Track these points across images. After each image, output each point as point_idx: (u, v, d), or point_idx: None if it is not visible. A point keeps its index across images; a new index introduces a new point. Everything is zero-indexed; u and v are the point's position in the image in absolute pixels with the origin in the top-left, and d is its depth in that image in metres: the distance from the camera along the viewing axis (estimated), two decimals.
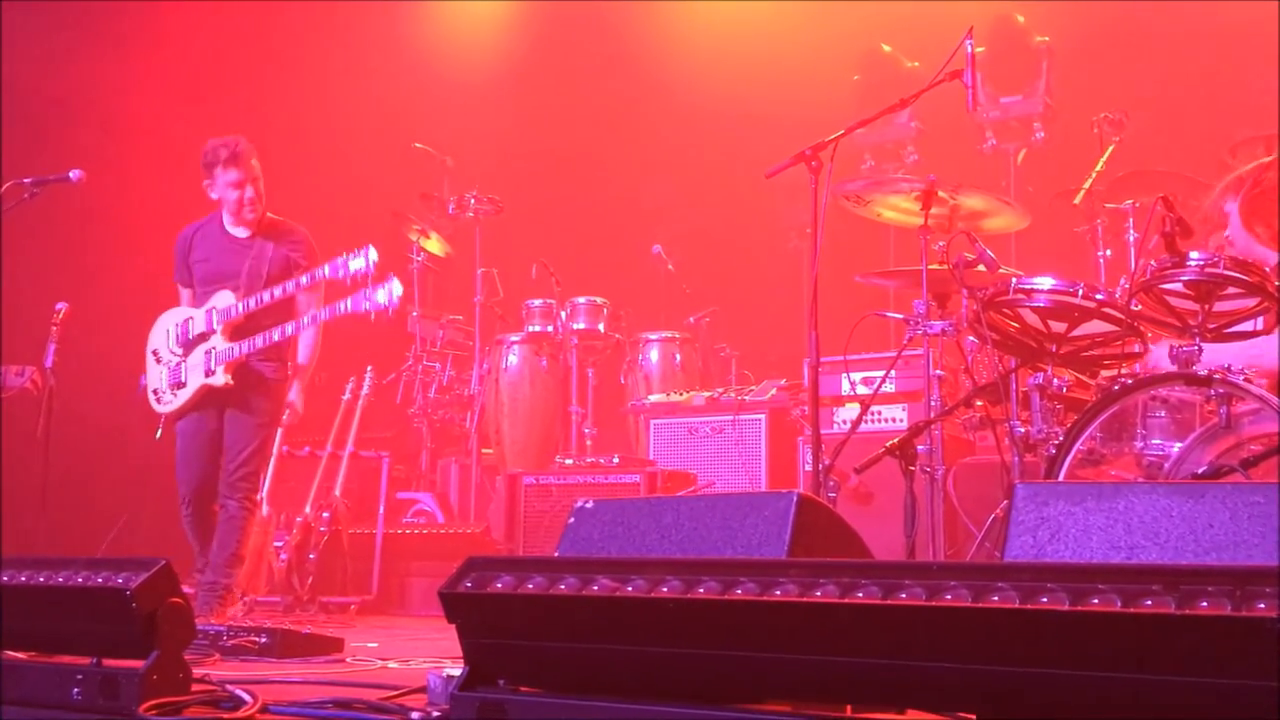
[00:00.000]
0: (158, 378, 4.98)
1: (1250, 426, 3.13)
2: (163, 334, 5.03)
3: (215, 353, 4.86)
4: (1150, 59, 6.96)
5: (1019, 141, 7.13)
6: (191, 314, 4.98)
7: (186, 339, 4.94)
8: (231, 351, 4.83)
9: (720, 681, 1.82)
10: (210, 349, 4.87)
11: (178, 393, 4.93)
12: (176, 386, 4.93)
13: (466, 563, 2.02)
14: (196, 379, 4.89)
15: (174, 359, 4.96)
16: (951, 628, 1.61)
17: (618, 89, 8.51)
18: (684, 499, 2.31)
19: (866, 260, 6.17)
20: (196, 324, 4.94)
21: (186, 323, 4.97)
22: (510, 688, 1.98)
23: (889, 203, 4.48)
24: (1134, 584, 1.53)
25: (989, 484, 4.34)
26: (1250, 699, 1.42)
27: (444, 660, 3.27)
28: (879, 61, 7.56)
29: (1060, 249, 6.10)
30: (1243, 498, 1.83)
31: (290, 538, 5.92)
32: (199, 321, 4.93)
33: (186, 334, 4.95)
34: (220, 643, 3.48)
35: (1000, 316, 3.79)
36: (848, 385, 5.38)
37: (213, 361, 4.86)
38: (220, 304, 4.90)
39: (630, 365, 6.83)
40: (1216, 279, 3.26)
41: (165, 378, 4.97)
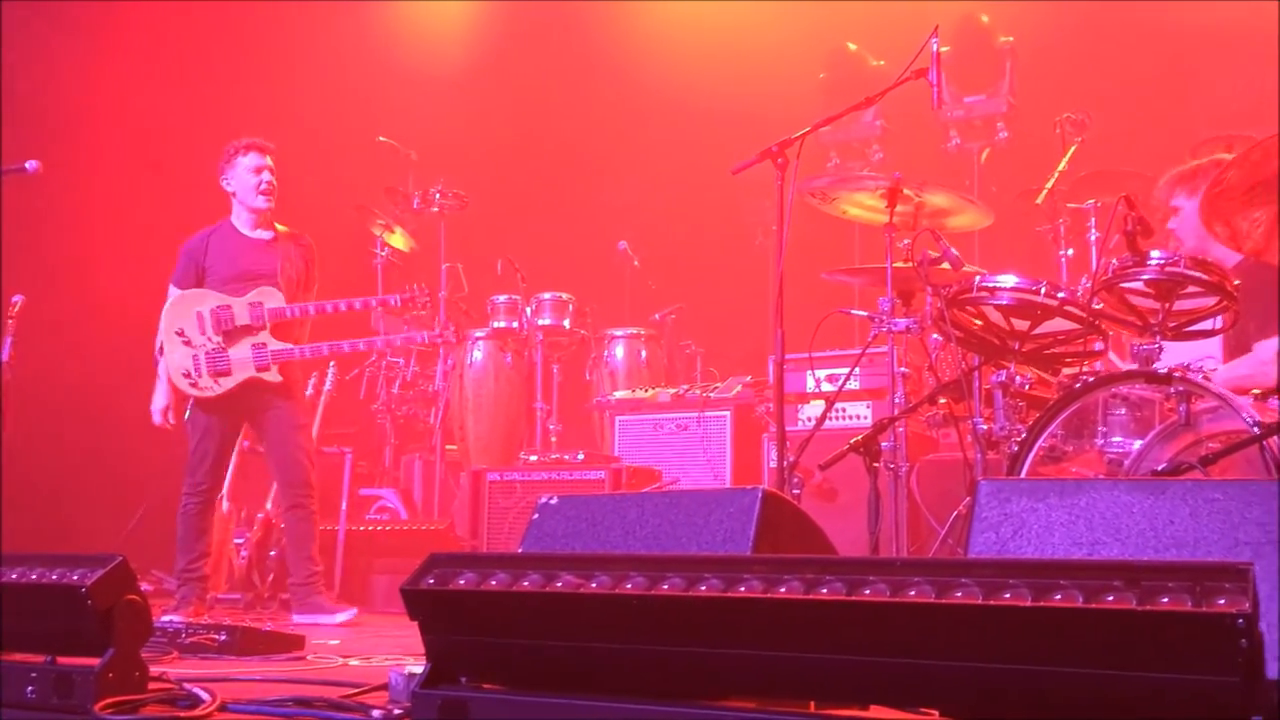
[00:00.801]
0: (187, 359, 4.96)
1: (1209, 424, 3.16)
2: (190, 317, 4.99)
3: (270, 350, 4.97)
4: (1112, 60, 7.03)
5: (983, 140, 7.18)
6: (229, 302, 5.01)
7: (228, 327, 4.97)
8: (290, 352, 4.99)
9: (684, 678, 1.81)
10: (261, 344, 4.97)
11: (221, 380, 4.96)
12: (219, 374, 4.96)
13: (429, 559, 2.00)
14: (245, 371, 4.97)
15: (210, 345, 4.96)
16: (915, 624, 1.61)
17: (584, 85, 8.50)
18: (648, 495, 2.30)
19: (832, 257, 6.19)
20: (240, 315, 4.99)
21: (224, 310, 4.99)
22: (473, 685, 1.96)
23: (854, 200, 4.49)
24: (1096, 580, 1.53)
25: (952, 481, 4.36)
26: (1211, 694, 1.43)
27: (406, 657, 3.25)
28: (845, 60, 7.60)
29: (1023, 248, 6.15)
30: (1202, 494, 1.85)
31: (251, 534, 5.86)
32: (242, 313, 4.99)
33: (227, 322, 4.97)
34: (178, 640, 3.44)
35: (964, 314, 3.81)
36: (813, 382, 5.39)
37: (267, 357, 4.96)
38: (270, 301, 5.00)
39: (595, 361, 6.82)
40: (1177, 278, 3.29)
41: (203, 362, 4.96)
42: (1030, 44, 7.20)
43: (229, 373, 4.95)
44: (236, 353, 4.96)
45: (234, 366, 4.96)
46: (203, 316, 4.98)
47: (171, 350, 4.97)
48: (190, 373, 4.94)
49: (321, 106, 8.21)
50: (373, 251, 7.46)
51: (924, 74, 4.11)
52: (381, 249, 7.45)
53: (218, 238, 5.18)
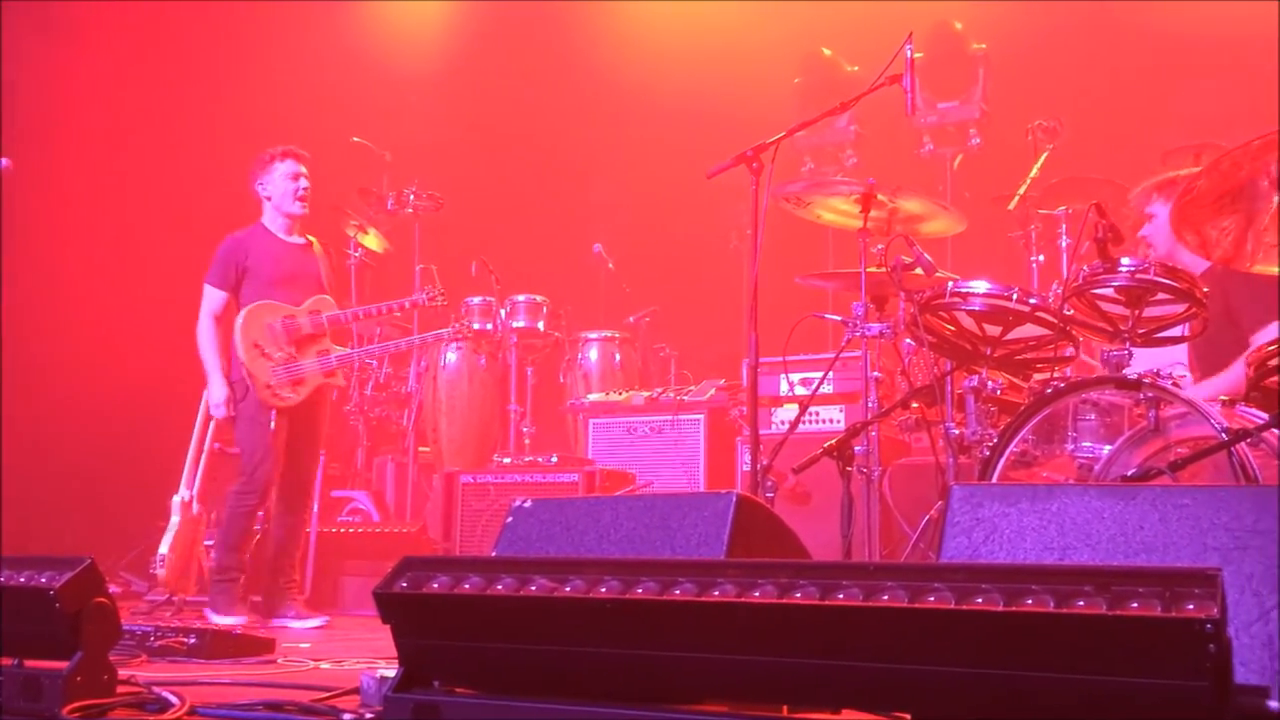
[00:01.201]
0: (267, 372, 5.06)
1: (1178, 430, 3.20)
2: (264, 329, 5.10)
3: (334, 356, 5.19)
4: (1084, 68, 7.09)
5: (956, 147, 7.22)
6: (294, 312, 5.16)
7: (297, 337, 5.12)
8: (350, 357, 5.23)
9: (658, 682, 1.81)
10: (325, 351, 5.16)
11: (298, 389, 5.11)
12: (296, 384, 5.10)
13: (402, 562, 2.00)
14: (316, 379, 5.14)
15: (284, 355, 5.09)
16: (888, 628, 1.62)
17: (560, 86, 8.49)
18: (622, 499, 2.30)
19: (806, 262, 6.22)
20: (304, 324, 5.15)
21: (292, 321, 5.13)
22: (445, 689, 1.96)
23: (829, 205, 4.51)
24: (1067, 585, 1.55)
25: (924, 485, 4.39)
26: (1180, 699, 1.44)
27: (378, 661, 3.23)
28: (819, 65, 7.62)
29: (995, 254, 6.19)
30: (1171, 500, 1.87)
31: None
32: (306, 322, 5.15)
33: (295, 332, 5.12)
34: (147, 643, 3.41)
35: (937, 319, 3.84)
36: (786, 386, 5.41)
37: (332, 363, 5.19)
38: (327, 310, 5.19)
39: (569, 364, 6.81)
40: (1146, 285, 3.33)
41: (281, 374, 5.08)
42: (1003, 51, 7.25)
43: (304, 381, 5.12)
44: (307, 361, 5.13)
45: (307, 375, 5.13)
46: (274, 328, 5.10)
47: (254, 364, 5.06)
48: (272, 384, 5.06)
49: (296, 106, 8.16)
50: (346, 253, 7.41)
51: (898, 80, 4.13)
52: (355, 250, 7.41)
53: (256, 241, 5.29)
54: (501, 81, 8.61)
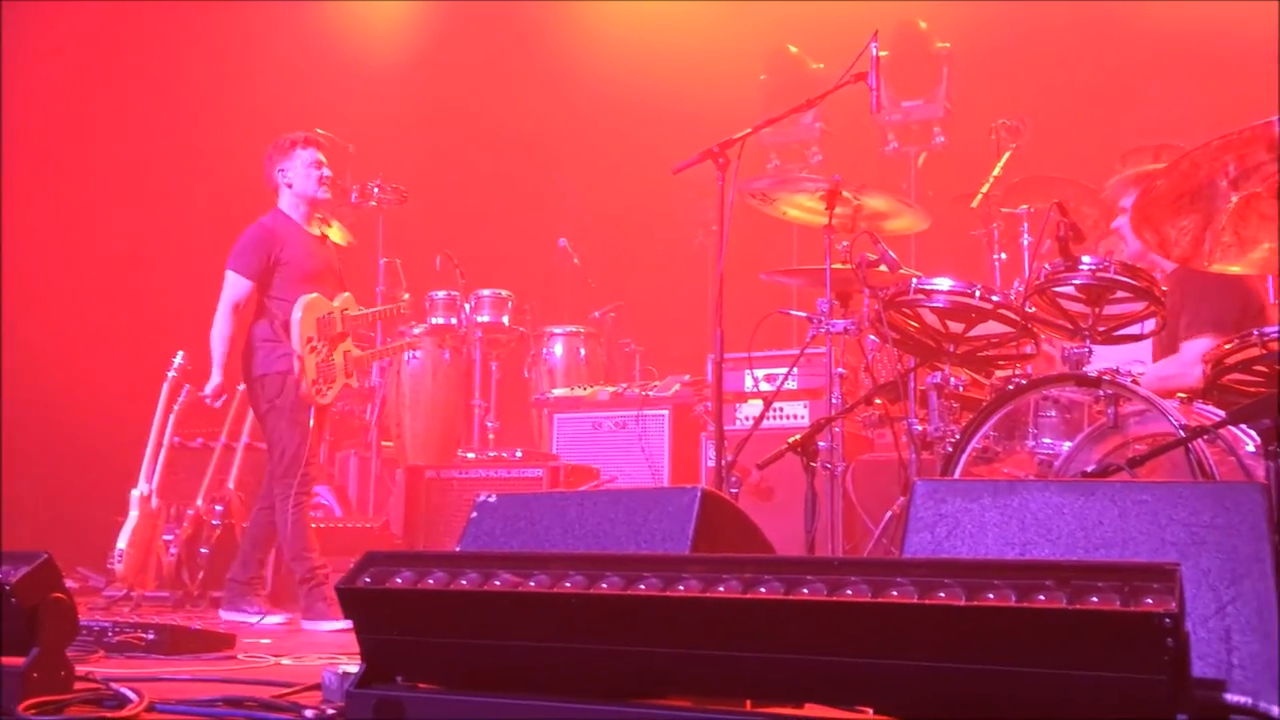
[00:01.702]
0: (317, 369, 4.95)
1: (1136, 426, 3.23)
2: (312, 325, 4.96)
3: (353, 357, 5.08)
4: (1047, 68, 7.16)
5: (920, 145, 7.27)
6: (333, 308, 5.04)
7: (331, 334, 5.00)
8: (368, 358, 5.18)
9: (622, 677, 1.82)
10: (348, 351, 5.04)
11: (331, 388, 5.01)
12: (330, 382, 4.99)
13: (365, 558, 1.99)
14: (342, 378, 5.04)
15: (324, 352, 4.97)
16: (852, 622, 1.63)
17: (525, 81, 8.46)
18: (587, 494, 2.30)
19: (771, 258, 6.24)
20: (336, 321, 5.03)
21: (331, 317, 5.02)
22: (408, 685, 1.95)
23: (794, 202, 4.53)
24: (1028, 580, 1.56)
25: (887, 480, 4.41)
26: (1138, 692, 1.46)
27: (340, 657, 3.21)
28: (785, 62, 7.65)
29: (958, 251, 6.23)
30: (1130, 496, 1.89)
31: (181, 531, 5.75)
32: (336, 320, 5.03)
33: (330, 329, 5.00)
34: (105, 639, 3.37)
35: (900, 316, 3.86)
36: (751, 382, 5.42)
37: (352, 365, 5.09)
38: (352, 309, 5.09)
39: (534, 359, 6.79)
40: (1106, 283, 3.36)
41: (326, 371, 4.98)
42: (967, 51, 7.31)
43: (334, 380, 5.01)
44: (337, 360, 5.01)
45: (337, 374, 5.02)
46: (324, 323, 4.99)
47: (307, 358, 4.91)
48: (318, 380, 4.93)
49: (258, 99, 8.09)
50: None
51: (863, 78, 4.15)
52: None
53: (284, 230, 5.11)
54: (467, 75, 8.57)
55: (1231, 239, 3.01)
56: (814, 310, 4.33)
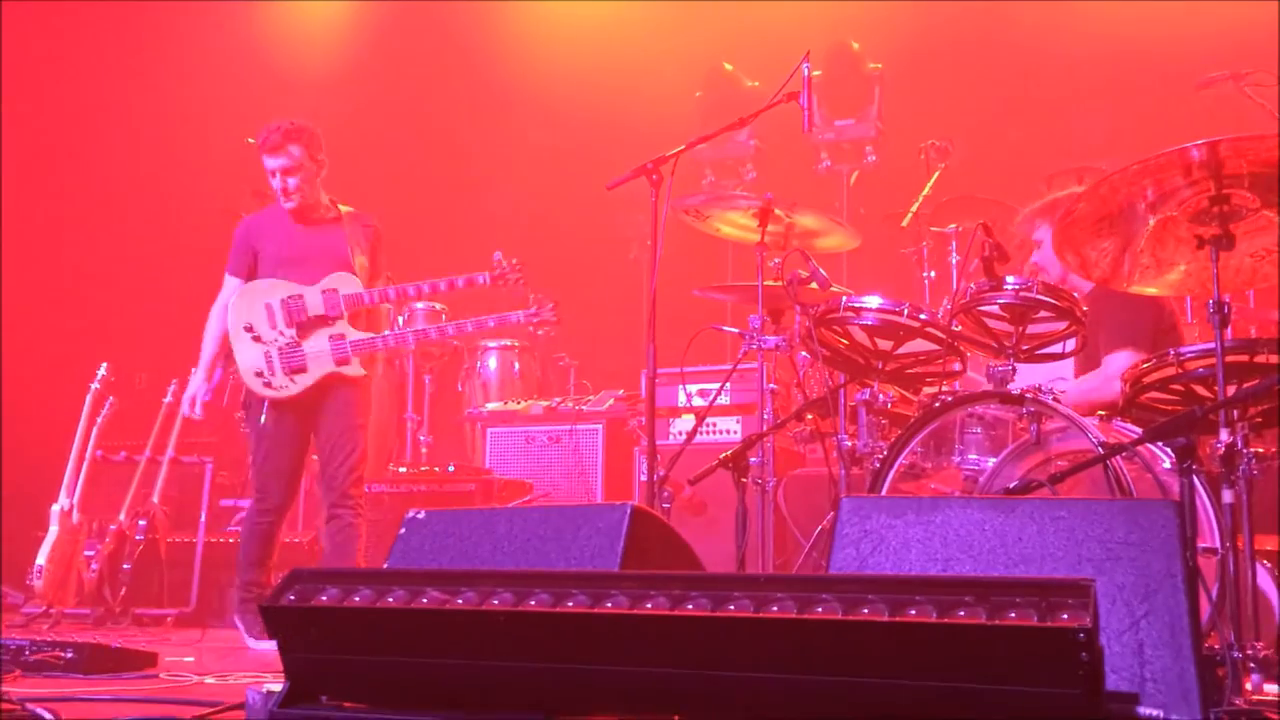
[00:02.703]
0: (259, 357, 4.53)
1: (1058, 443, 3.30)
2: (259, 310, 4.56)
3: (349, 341, 4.54)
4: (976, 90, 7.30)
5: (852, 163, 7.37)
6: (301, 291, 4.57)
7: (301, 319, 4.55)
8: (373, 343, 4.58)
9: (551, 693, 1.82)
10: (339, 335, 4.54)
11: (297, 378, 4.52)
12: (295, 371, 4.52)
13: (290, 575, 1.97)
14: (323, 366, 4.53)
15: (283, 340, 4.53)
16: (778, 638, 1.65)
17: (461, 92, 8.44)
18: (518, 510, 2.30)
19: (705, 274, 6.28)
20: (313, 305, 4.56)
21: (296, 301, 4.56)
22: (333, 703, 1.93)
23: (727, 219, 4.56)
24: (949, 595, 1.60)
25: (818, 495, 4.46)
26: (1054, 705, 1.49)
27: (265, 675, 3.16)
28: (720, 79, 7.71)
29: (888, 269, 6.33)
30: (1049, 512, 1.94)
31: (103, 546, 5.64)
32: (316, 302, 4.56)
33: (300, 313, 4.55)
34: (21, 658, 3.29)
35: (831, 333, 3.90)
36: (684, 397, 5.45)
37: (346, 349, 4.55)
38: (346, 288, 4.57)
39: (468, 372, 6.76)
40: (1030, 303, 3.43)
41: (275, 359, 4.53)
42: (898, 72, 7.43)
43: (305, 369, 4.53)
44: (312, 346, 4.54)
45: (310, 362, 4.54)
46: (272, 309, 4.57)
47: (240, 348, 4.55)
48: (263, 371, 4.52)
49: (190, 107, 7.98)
50: None
51: (795, 97, 4.19)
52: None
53: (268, 220, 4.79)
54: (400, 86, 8.53)
55: (1150, 261, 3.10)
56: (746, 326, 4.36)
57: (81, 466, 5.61)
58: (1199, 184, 2.82)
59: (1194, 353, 3.02)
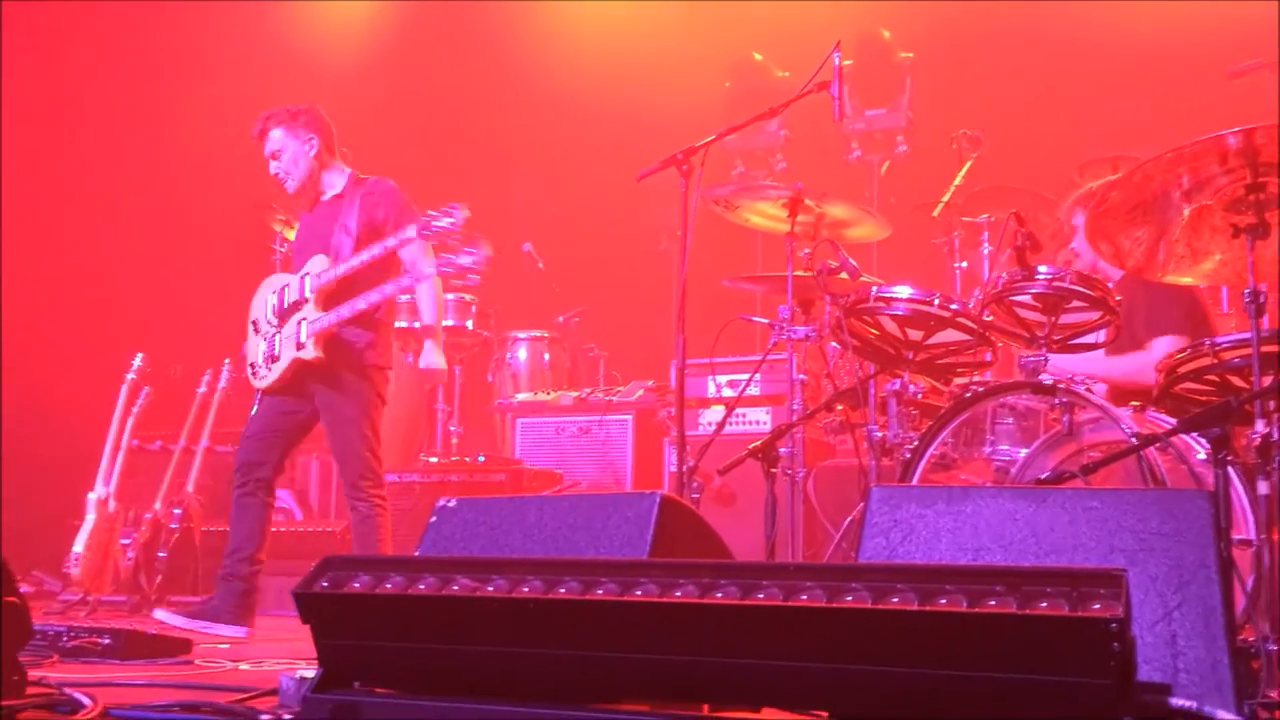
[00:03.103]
0: (255, 350, 4.57)
1: (1090, 434, 3.28)
2: (262, 304, 4.61)
3: (306, 323, 4.44)
4: (1008, 80, 7.24)
5: (882, 153, 7.33)
6: (289, 280, 4.57)
7: (282, 308, 4.53)
8: (321, 321, 4.39)
9: (580, 681, 1.82)
10: (302, 318, 4.45)
11: (273, 367, 4.48)
12: (271, 360, 4.50)
13: (323, 562, 1.98)
14: (289, 352, 4.45)
15: (270, 330, 4.54)
16: (807, 627, 1.65)
17: (491, 85, 8.46)
18: (547, 499, 2.31)
19: (734, 265, 6.26)
20: (291, 291, 4.52)
21: (283, 290, 4.56)
22: (366, 689, 1.95)
23: (757, 209, 4.55)
24: (979, 585, 1.59)
25: (847, 486, 4.45)
26: (1085, 696, 1.49)
27: (298, 661, 3.19)
28: (750, 70, 7.69)
29: (919, 260, 6.29)
30: (1081, 503, 1.92)
31: (138, 535, 5.70)
32: (294, 289, 4.52)
33: (283, 303, 4.53)
34: (60, 644, 3.33)
35: (861, 323, 3.89)
36: (713, 388, 5.45)
37: (304, 333, 4.42)
38: (315, 269, 4.48)
39: (498, 363, 6.79)
40: (1062, 292, 3.41)
41: (262, 351, 4.54)
42: (929, 61, 7.38)
43: (278, 357, 4.48)
44: (285, 333, 4.48)
45: (281, 349, 4.48)
46: (268, 303, 4.59)
47: (248, 344, 4.61)
48: (255, 363, 4.56)
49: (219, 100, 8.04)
50: (271, 247, 7.31)
51: (826, 87, 4.18)
52: (280, 245, 7.30)
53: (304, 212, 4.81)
54: (430, 79, 8.56)
55: (1184, 250, 3.07)
56: (776, 317, 4.36)
57: (118, 456, 5.68)
58: (1235, 172, 2.79)
59: (1229, 343, 3.00)
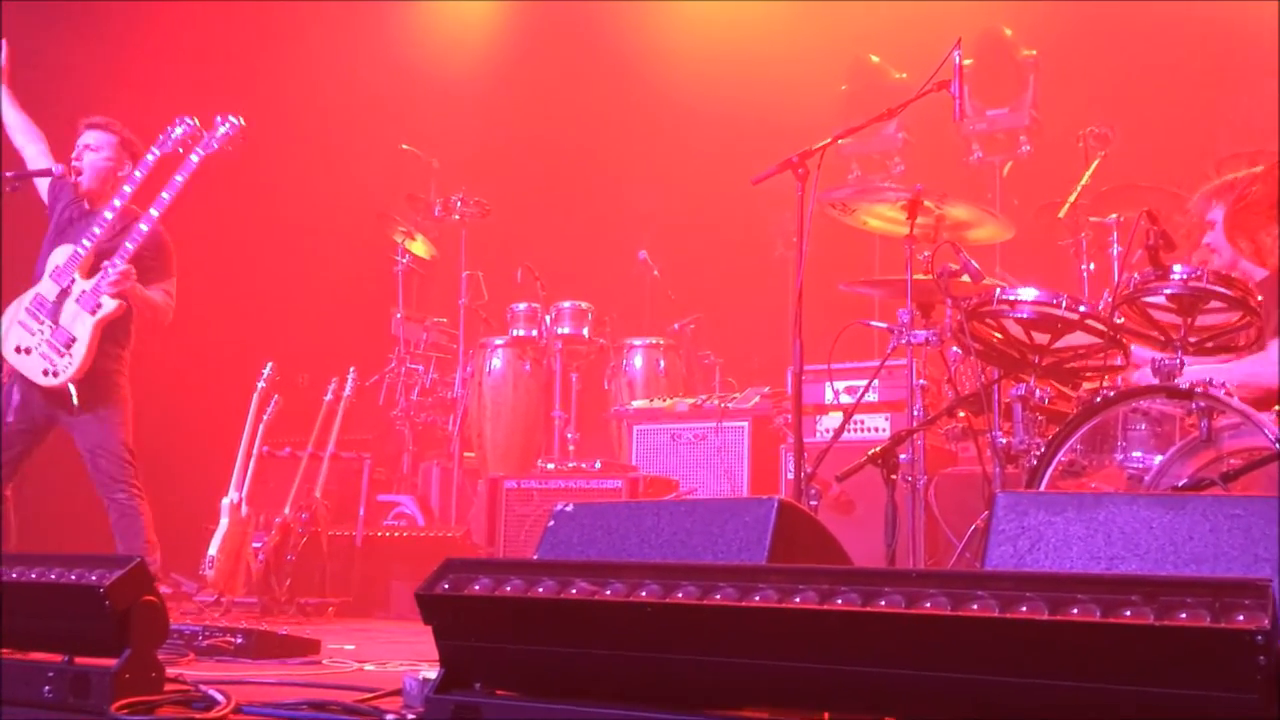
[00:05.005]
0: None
1: (1230, 440, 3.14)
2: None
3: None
4: (1137, 74, 7.00)
5: (1005, 154, 7.15)
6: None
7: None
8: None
9: (697, 686, 1.81)
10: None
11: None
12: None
13: (444, 564, 2.01)
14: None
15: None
16: (930, 636, 1.61)
17: (605, 92, 8.52)
18: (664, 503, 2.30)
19: (851, 269, 6.18)
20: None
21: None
22: (486, 691, 1.96)
23: (875, 212, 4.49)
24: (1113, 594, 1.52)
25: (970, 494, 4.34)
26: (1228, 711, 1.41)
27: (420, 663, 3.25)
28: (866, 71, 7.59)
29: (1044, 261, 6.12)
30: (1222, 510, 1.83)
31: (269, 539, 5.88)
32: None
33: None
34: (195, 643, 3.45)
35: (984, 327, 3.80)
36: (831, 394, 5.38)
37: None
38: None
39: (614, 370, 6.82)
40: (1199, 293, 3.27)
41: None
42: (1053, 58, 7.18)
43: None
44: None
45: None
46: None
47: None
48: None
49: (345, 113, 8.27)
50: (393, 259, 7.49)
51: (946, 86, 4.10)
52: (402, 256, 7.48)
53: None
54: (547, 87, 8.66)
55: None
56: (895, 321, 4.28)
57: (249, 462, 5.86)
58: None
59: None
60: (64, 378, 4.65)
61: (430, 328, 7.51)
